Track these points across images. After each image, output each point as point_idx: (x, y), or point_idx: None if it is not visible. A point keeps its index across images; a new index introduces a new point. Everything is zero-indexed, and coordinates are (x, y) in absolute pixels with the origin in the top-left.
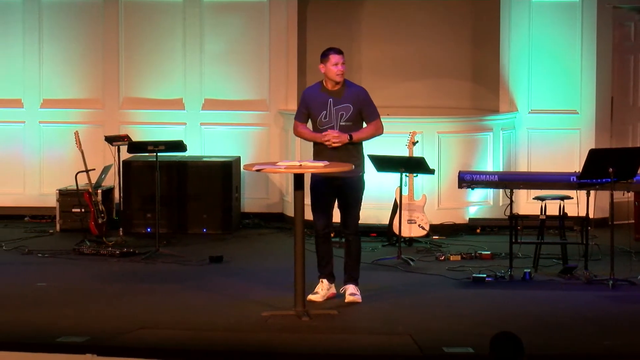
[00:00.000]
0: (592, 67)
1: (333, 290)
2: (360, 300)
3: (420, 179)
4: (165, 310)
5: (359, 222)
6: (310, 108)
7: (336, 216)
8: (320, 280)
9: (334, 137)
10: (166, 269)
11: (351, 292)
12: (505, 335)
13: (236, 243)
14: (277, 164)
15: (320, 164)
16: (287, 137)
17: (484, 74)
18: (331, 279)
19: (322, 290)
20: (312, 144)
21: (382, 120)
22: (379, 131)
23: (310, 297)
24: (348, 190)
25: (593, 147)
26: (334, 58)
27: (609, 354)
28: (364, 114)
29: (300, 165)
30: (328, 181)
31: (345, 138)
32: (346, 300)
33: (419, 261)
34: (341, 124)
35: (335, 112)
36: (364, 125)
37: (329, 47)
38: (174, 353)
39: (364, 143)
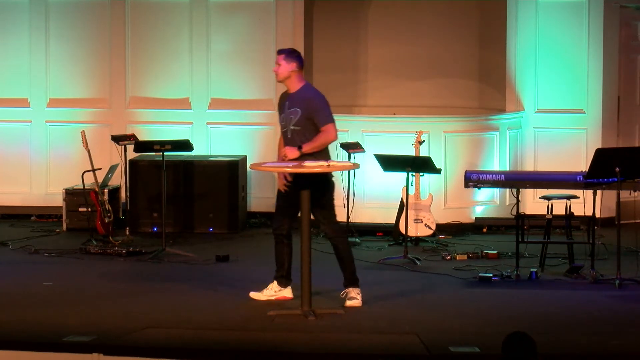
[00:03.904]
0: (599, 66)
1: (286, 294)
2: (359, 304)
3: (427, 179)
4: (172, 309)
5: (367, 221)
6: (278, 109)
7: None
8: (273, 281)
9: (285, 157)
10: (173, 268)
11: (350, 297)
12: (517, 335)
13: (243, 242)
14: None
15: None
16: None
17: (491, 73)
18: (282, 282)
19: (267, 290)
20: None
21: (335, 126)
22: (329, 138)
23: (252, 293)
24: (313, 194)
25: (600, 146)
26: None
27: (616, 353)
28: (315, 120)
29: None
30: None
31: (296, 153)
32: (345, 305)
33: (425, 260)
34: (291, 127)
35: (287, 115)
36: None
37: None
38: (181, 352)
39: (372, 142)
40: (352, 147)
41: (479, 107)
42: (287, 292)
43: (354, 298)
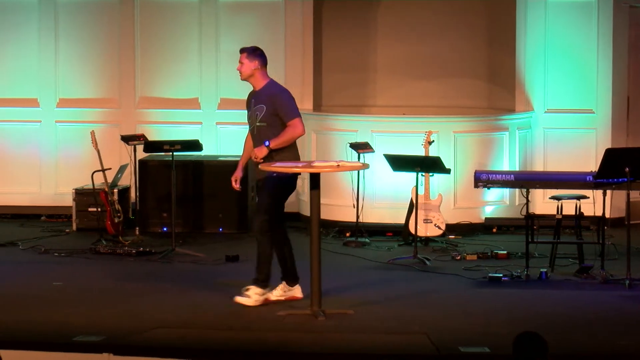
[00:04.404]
0: (608, 66)
1: (295, 293)
2: (248, 304)
3: (436, 179)
4: (181, 309)
5: (376, 221)
6: (246, 108)
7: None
8: (281, 282)
9: (256, 158)
10: (182, 268)
11: (246, 293)
12: (528, 335)
13: (252, 242)
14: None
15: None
16: (302, 136)
17: (500, 73)
18: (290, 281)
19: (277, 291)
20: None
21: (301, 120)
22: (295, 132)
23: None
24: (259, 190)
25: (609, 146)
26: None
27: (625, 353)
28: (281, 115)
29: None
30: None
31: (264, 151)
32: (234, 298)
33: (435, 261)
34: (257, 124)
35: (252, 113)
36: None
37: None
38: (190, 352)
39: (381, 142)
40: (361, 147)
41: (488, 107)
42: (297, 292)
43: (248, 296)
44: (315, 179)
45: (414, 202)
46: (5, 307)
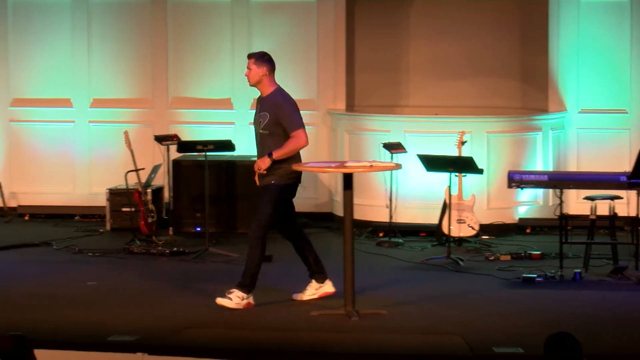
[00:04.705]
0: None
1: (327, 289)
2: (223, 303)
3: (469, 179)
4: (215, 309)
5: (409, 222)
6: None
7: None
8: (310, 280)
9: (259, 169)
10: (215, 268)
11: (229, 295)
12: (561, 335)
13: (285, 242)
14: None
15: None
16: (335, 137)
17: (533, 73)
18: (319, 279)
19: (308, 290)
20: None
21: (305, 131)
22: (299, 143)
23: (294, 295)
24: (259, 197)
25: None
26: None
27: None
28: (284, 126)
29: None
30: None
31: (267, 162)
32: (216, 299)
33: (468, 261)
34: (260, 131)
35: (257, 119)
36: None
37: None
38: (224, 352)
39: (414, 142)
40: (394, 148)
41: (522, 107)
42: (328, 287)
43: (229, 299)
44: (348, 179)
45: (447, 202)
46: (40, 306)
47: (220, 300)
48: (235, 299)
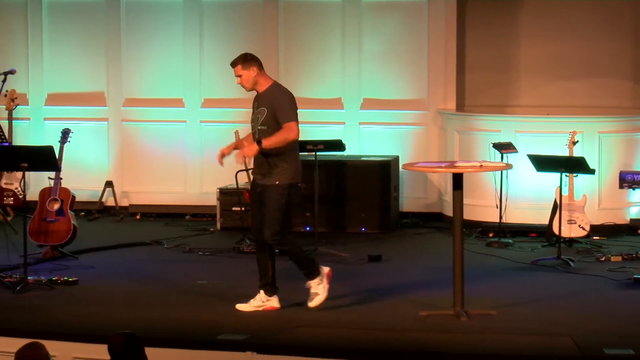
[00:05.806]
0: None
1: (273, 303)
2: (319, 293)
3: (581, 179)
4: (324, 308)
5: (519, 222)
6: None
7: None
8: (259, 290)
9: (242, 155)
10: None
11: (312, 291)
12: None
13: (394, 242)
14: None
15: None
16: (445, 137)
17: None
18: (269, 291)
19: (255, 301)
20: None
21: (297, 125)
22: (289, 135)
23: (238, 305)
24: (263, 199)
25: None
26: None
27: None
28: (277, 117)
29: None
30: (253, 188)
31: (255, 149)
32: (309, 303)
33: (579, 262)
34: (258, 127)
35: (255, 115)
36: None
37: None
38: (332, 352)
39: (524, 142)
40: (504, 148)
41: (634, 107)
42: (274, 302)
43: (317, 293)
44: (458, 179)
45: (558, 202)
46: (151, 305)
47: (310, 302)
48: (318, 288)
